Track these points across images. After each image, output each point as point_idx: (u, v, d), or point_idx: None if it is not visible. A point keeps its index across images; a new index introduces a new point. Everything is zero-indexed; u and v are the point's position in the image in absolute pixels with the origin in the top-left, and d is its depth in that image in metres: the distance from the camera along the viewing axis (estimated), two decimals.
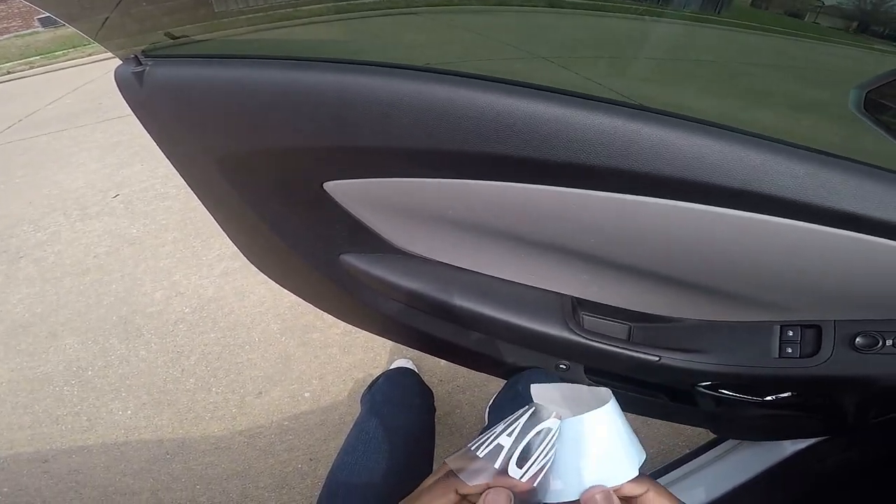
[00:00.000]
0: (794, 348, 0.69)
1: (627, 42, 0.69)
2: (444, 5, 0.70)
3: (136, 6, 0.60)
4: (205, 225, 2.53)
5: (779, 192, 0.46)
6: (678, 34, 0.63)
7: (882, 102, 0.50)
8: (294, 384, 1.68)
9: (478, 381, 1.59)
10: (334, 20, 0.70)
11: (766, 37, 0.61)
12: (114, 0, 0.57)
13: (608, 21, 0.68)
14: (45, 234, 2.67)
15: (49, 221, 2.78)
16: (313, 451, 1.48)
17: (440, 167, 0.57)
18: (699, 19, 0.64)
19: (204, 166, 0.71)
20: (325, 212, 0.70)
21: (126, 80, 0.63)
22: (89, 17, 0.58)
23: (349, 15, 0.73)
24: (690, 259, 0.58)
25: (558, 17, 0.71)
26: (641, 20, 0.65)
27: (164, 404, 1.67)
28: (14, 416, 1.69)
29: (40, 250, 2.52)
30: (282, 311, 1.95)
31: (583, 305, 0.79)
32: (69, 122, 4.58)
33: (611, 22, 0.68)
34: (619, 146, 0.48)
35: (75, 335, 1.98)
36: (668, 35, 0.64)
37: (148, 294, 2.14)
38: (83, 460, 1.54)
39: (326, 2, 0.69)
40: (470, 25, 0.70)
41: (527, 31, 0.69)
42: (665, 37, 0.65)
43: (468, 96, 0.50)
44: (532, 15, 0.70)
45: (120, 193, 3.00)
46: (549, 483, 0.36)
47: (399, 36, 0.71)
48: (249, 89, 0.59)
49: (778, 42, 0.61)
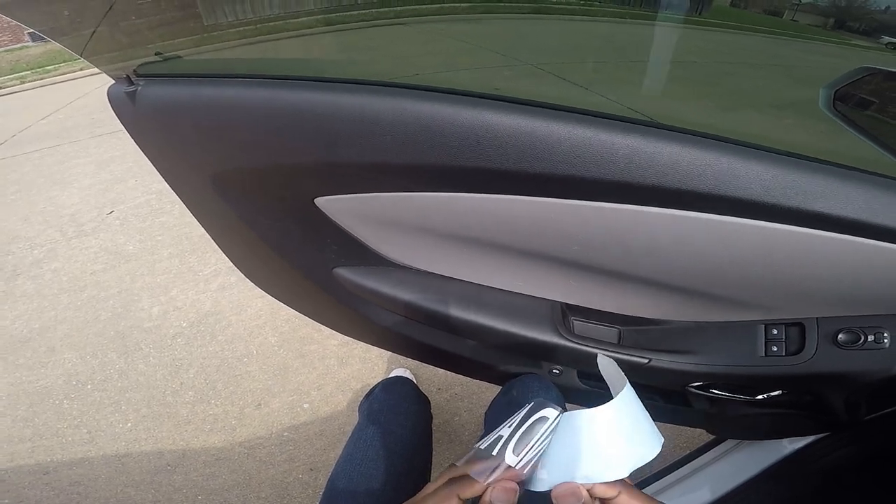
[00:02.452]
0: (780, 346, 0.70)
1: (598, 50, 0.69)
2: (432, 14, 0.71)
3: (123, 21, 0.60)
4: (200, 240, 2.53)
5: (747, 195, 0.47)
6: (650, 39, 0.63)
7: (850, 101, 0.51)
8: (293, 395, 1.69)
9: (475, 389, 1.61)
10: (324, 33, 0.70)
11: (738, 35, 0.62)
12: (99, 15, 0.57)
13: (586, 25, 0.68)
14: (41, 251, 2.67)
15: (45, 238, 2.78)
16: (313, 461, 1.49)
17: (426, 181, 0.58)
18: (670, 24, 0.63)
19: (197, 184, 0.72)
20: (317, 227, 0.71)
21: (119, 99, 0.64)
22: (75, 33, 0.58)
23: (338, 27, 0.73)
24: (670, 263, 0.59)
25: (536, 23, 0.71)
26: (614, 24, 0.65)
27: (164, 416, 1.67)
28: (15, 429, 1.69)
29: (37, 268, 2.53)
30: (279, 323, 1.96)
31: (572, 311, 0.80)
32: (62, 138, 4.57)
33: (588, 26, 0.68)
34: (595, 156, 0.49)
35: (74, 350, 1.98)
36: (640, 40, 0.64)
37: (145, 309, 2.15)
38: (84, 472, 1.54)
39: (315, 14, 0.69)
40: (455, 34, 0.71)
41: (506, 41, 0.70)
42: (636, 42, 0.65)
43: (448, 112, 0.52)
44: (512, 23, 0.71)
45: (115, 210, 3.00)
46: (536, 471, 0.37)
47: (389, 47, 0.72)
48: (240, 108, 0.60)
49: (751, 41, 0.61)
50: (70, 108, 5.73)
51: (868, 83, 0.51)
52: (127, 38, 0.63)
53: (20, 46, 11.61)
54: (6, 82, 7.50)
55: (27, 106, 6.12)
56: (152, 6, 0.63)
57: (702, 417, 0.97)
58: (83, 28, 0.58)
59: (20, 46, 11.61)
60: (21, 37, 12.19)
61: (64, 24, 0.58)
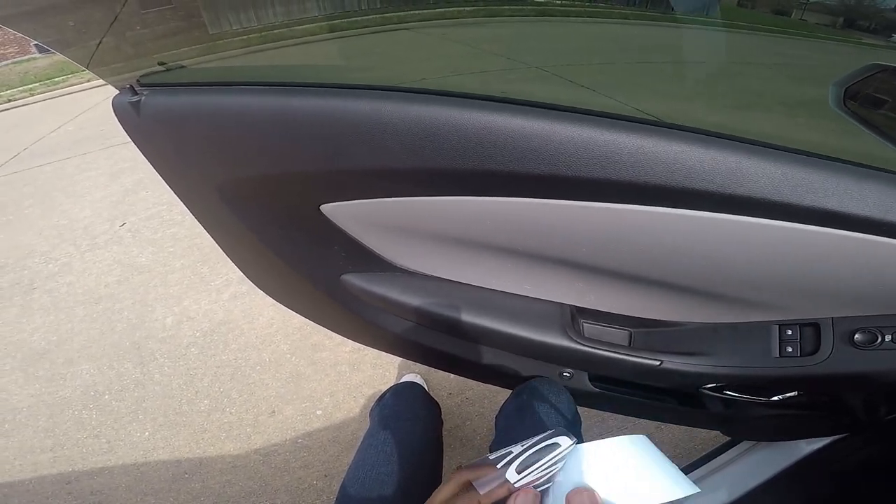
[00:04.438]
0: (794, 347, 0.68)
1: (603, 50, 0.69)
2: (436, 19, 0.71)
3: (128, 32, 0.61)
4: (211, 251, 2.54)
5: (755, 193, 0.46)
6: (656, 40, 0.62)
7: (861, 98, 0.50)
8: (306, 402, 1.70)
9: (487, 393, 1.61)
10: (327, 39, 0.70)
11: (747, 35, 0.61)
12: (104, 27, 0.57)
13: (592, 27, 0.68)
14: (56, 265, 2.70)
15: (60, 252, 2.82)
16: (327, 467, 1.50)
17: (431, 185, 0.58)
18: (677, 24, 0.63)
19: (204, 193, 0.72)
20: (323, 234, 0.71)
21: (123, 109, 0.64)
22: (80, 45, 0.58)
23: (342, 34, 0.72)
24: (679, 263, 0.58)
25: (540, 25, 0.71)
26: (619, 25, 0.65)
27: (181, 425, 1.69)
28: (36, 440, 1.72)
29: (53, 281, 2.56)
30: (290, 331, 1.98)
31: (582, 313, 0.79)
32: (73, 150, 4.62)
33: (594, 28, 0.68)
34: (599, 156, 0.48)
35: (91, 361, 2.01)
36: (646, 41, 0.64)
37: (159, 320, 2.17)
38: (105, 481, 1.56)
39: (319, 21, 0.69)
40: (460, 38, 0.71)
41: (511, 44, 0.69)
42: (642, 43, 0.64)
43: (453, 115, 0.51)
44: (516, 26, 0.71)
45: (127, 222, 3.03)
46: None
47: (393, 53, 0.72)
48: (244, 117, 0.60)
49: (759, 41, 0.61)
50: (80, 119, 5.79)
51: (879, 80, 0.50)
52: (132, 48, 0.64)
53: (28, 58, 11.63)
54: (16, 95, 7.53)
55: (38, 118, 6.18)
56: (157, 17, 0.63)
57: (716, 419, 0.96)
58: (88, 39, 0.58)
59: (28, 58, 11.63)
60: (27, 48, 12.18)
61: (69, 36, 0.58)
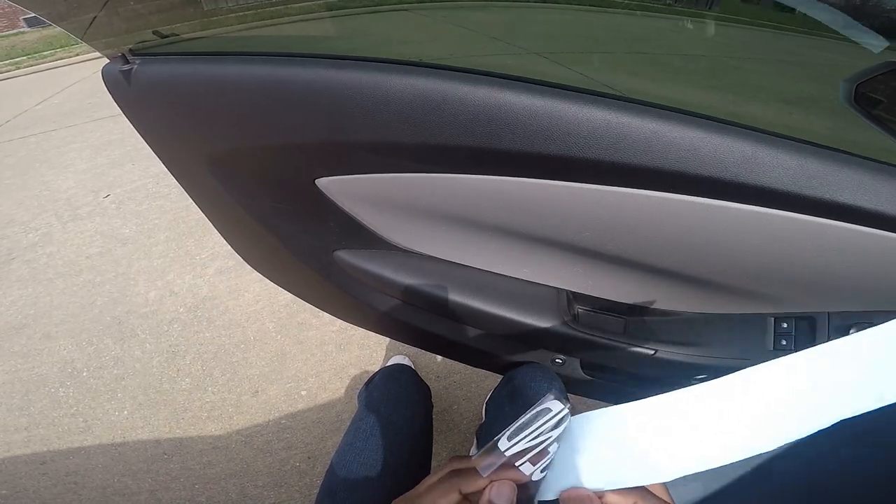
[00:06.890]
0: (789, 340, 0.68)
1: (621, 37, 0.68)
2: (435, 0, 0.70)
3: (124, 5, 0.60)
4: (198, 224, 2.51)
5: (770, 184, 0.46)
6: (671, 29, 0.63)
7: (872, 95, 0.50)
8: (290, 382, 1.67)
9: (475, 377, 1.59)
10: (326, 17, 0.70)
11: (758, 31, 0.61)
12: (100, 1, 0.56)
13: (601, 16, 0.68)
14: (36, 235, 2.64)
15: (40, 223, 2.75)
16: (311, 449, 1.47)
17: (433, 162, 0.57)
18: (691, 14, 0.63)
19: (194, 164, 0.71)
20: (317, 208, 0.70)
21: (114, 78, 0.63)
22: (77, 17, 0.58)
23: (340, 12, 0.72)
24: (684, 251, 0.57)
25: (549, 12, 0.71)
26: (634, 15, 0.65)
27: (161, 404, 1.66)
28: (10, 418, 1.68)
29: (32, 252, 2.50)
30: (277, 309, 1.94)
31: (578, 299, 0.78)
32: (58, 123, 4.53)
33: (604, 17, 0.68)
34: (612, 139, 0.48)
35: (69, 336, 1.96)
36: (661, 29, 0.64)
37: (141, 294, 2.12)
38: (81, 462, 1.52)
39: None
40: (461, 21, 0.70)
41: (518, 27, 0.69)
42: (658, 31, 0.64)
43: (460, 90, 0.50)
44: (524, 10, 0.70)
45: (111, 193, 2.97)
46: (547, 476, 0.35)
47: (391, 33, 0.71)
48: (238, 86, 0.58)
49: (771, 36, 0.61)
50: (66, 92, 5.68)
51: (891, 78, 0.50)
52: (128, 21, 0.63)
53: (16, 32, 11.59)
54: (1, 67, 7.46)
55: (23, 91, 6.07)
56: None
57: None
58: (84, 11, 0.57)
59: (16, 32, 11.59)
60: (17, 22, 12.17)
61: (65, 8, 0.57)
